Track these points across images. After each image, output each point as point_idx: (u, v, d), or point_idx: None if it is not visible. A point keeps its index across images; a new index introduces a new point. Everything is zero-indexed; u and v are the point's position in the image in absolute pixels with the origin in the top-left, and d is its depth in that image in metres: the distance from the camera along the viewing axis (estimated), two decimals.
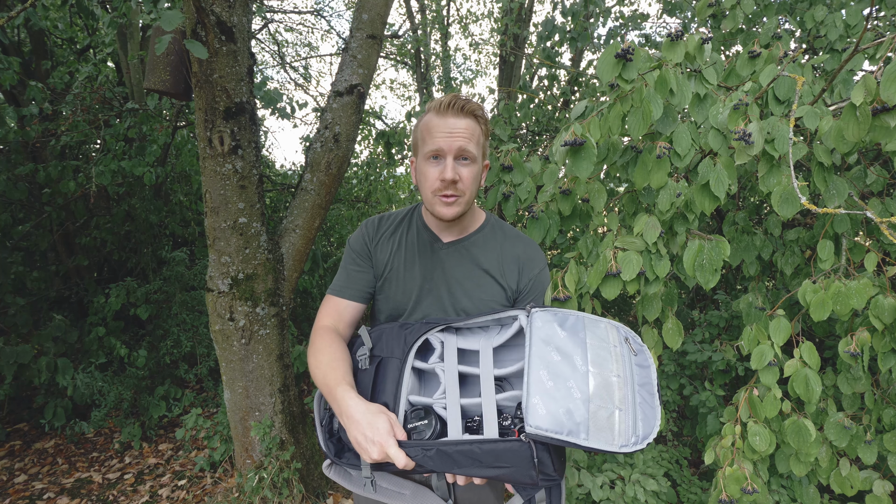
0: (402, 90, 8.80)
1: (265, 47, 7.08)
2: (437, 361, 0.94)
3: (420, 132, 1.06)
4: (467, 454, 0.79)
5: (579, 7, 3.01)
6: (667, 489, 1.87)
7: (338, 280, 1.16)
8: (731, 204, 2.03)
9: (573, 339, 0.90)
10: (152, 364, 3.40)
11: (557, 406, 0.78)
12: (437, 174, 1.02)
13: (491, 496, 1.14)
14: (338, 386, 0.92)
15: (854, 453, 1.50)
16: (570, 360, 0.86)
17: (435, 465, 0.80)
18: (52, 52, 3.89)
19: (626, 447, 0.77)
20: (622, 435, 0.78)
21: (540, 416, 0.77)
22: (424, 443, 0.81)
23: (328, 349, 1.02)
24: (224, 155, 1.94)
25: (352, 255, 1.17)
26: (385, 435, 0.81)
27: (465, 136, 1.00)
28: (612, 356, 0.89)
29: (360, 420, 0.84)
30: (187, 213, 4.29)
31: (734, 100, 1.28)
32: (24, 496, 2.62)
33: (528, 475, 0.79)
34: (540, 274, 1.14)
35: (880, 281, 1.39)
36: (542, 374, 0.83)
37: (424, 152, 1.03)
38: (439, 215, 1.05)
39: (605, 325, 0.96)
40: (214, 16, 1.83)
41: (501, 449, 0.78)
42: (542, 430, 0.76)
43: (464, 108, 1.01)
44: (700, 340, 2.28)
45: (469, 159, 1.03)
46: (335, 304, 1.14)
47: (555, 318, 0.94)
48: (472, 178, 1.04)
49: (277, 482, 2.14)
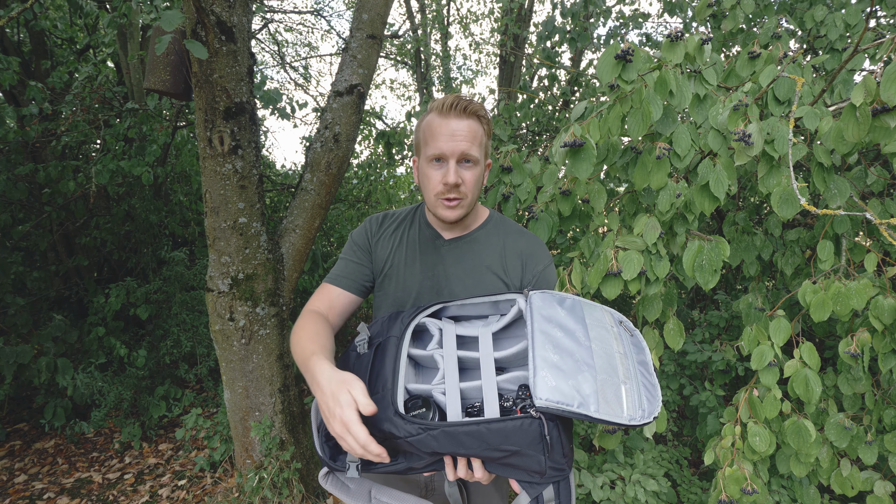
0: (402, 90, 8.81)
1: (265, 47, 7.08)
2: (436, 347, 0.93)
3: (422, 133, 1.05)
4: (474, 434, 0.75)
5: (579, 7, 3.01)
6: (667, 489, 1.87)
7: (335, 269, 1.16)
8: (731, 204, 2.03)
9: (573, 316, 0.89)
10: (152, 364, 3.40)
11: (566, 378, 0.76)
12: (439, 177, 1.01)
13: (494, 493, 1.14)
14: (312, 355, 0.87)
15: (855, 454, 1.50)
16: (572, 335, 0.84)
17: (440, 445, 0.76)
18: (52, 52, 3.89)
19: (634, 420, 0.75)
20: (630, 408, 0.76)
21: (549, 389, 0.75)
22: (428, 423, 0.76)
23: (310, 326, 1.00)
24: (224, 155, 1.94)
25: (352, 247, 1.17)
26: (347, 408, 0.73)
27: (468, 139, 1.00)
28: (612, 335, 0.89)
29: (325, 389, 0.78)
30: (187, 213, 4.29)
31: (734, 100, 1.28)
32: (24, 496, 2.62)
33: (537, 461, 0.76)
34: (545, 270, 1.12)
35: (880, 281, 1.39)
36: (547, 348, 0.81)
37: (427, 155, 1.03)
38: (442, 217, 1.06)
39: (599, 308, 0.97)
40: (214, 16, 1.83)
41: (510, 427, 0.74)
42: (553, 402, 0.73)
43: (466, 109, 1.00)
44: (700, 340, 2.28)
45: (472, 162, 1.02)
46: (328, 292, 1.13)
47: (553, 298, 0.94)
48: (475, 181, 1.04)
49: (277, 482, 2.14)
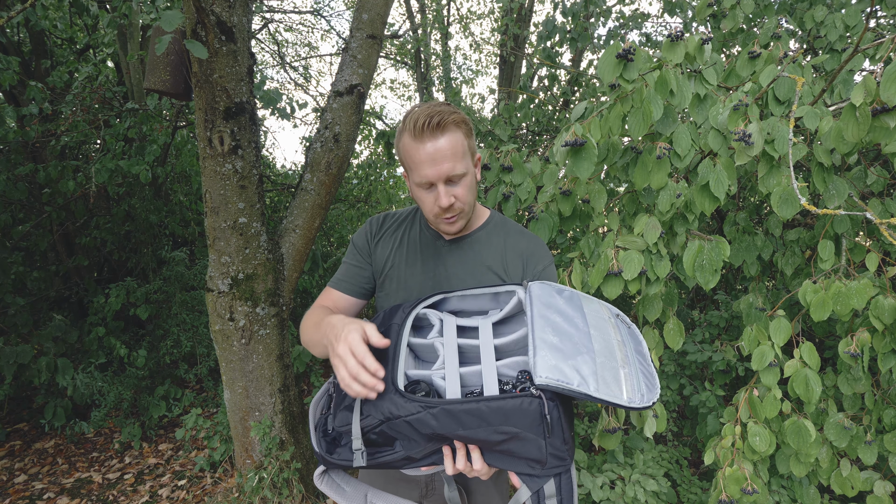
0: (402, 90, 8.80)
1: (265, 47, 7.08)
2: (437, 336, 0.93)
3: (402, 155, 1.02)
4: (474, 413, 0.75)
5: (580, 7, 3.01)
6: (667, 489, 1.87)
7: (338, 274, 1.21)
8: (731, 204, 2.03)
9: (571, 305, 0.91)
10: (152, 364, 3.40)
11: (565, 358, 0.77)
12: (432, 200, 1.01)
13: (495, 495, 1.14)
14: (329, 315, 0.94)
15: (854, 454, 1.50)
16: (571, 321, 0.86)
17: (439, 425, 0.76)
18: (52, 52, 3.89)
19: (633, 403, 0.75)
20: (629, 391, 0.77)
21: (549, 367, 0.75)
22: (428, 400, 0.77)
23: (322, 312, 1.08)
24: (224, 155, 1.94)
25: (353, 251, 1.19)
26: (354, 333, 0.81)
27: (450, 158, 0.96)
28: (609, 324, 0.91)
29: (338, 324, 0.86)
30: (187, 213, 4.29)
31: (734, 100, 1.28)
32: (24, 496, 2.62)
33: (537, 446, 0.76)
34: (545, 270, 1.12)
35: (880, 281, 1.39)
36: (546, 331, 0.82)
37: (414, 181, 1.01)
38: (446, 232, 1.09)
39: (596, 302, 0.99)
40: (214, 16, 1.83)
41: (510, 406, 0.74)
42: (553, 379, 0.73)
43: (439, 125, 0.94)
44: (700, 340, 2.28)
45: (460, 175, 1.00)
46: (331, 295, 1.19)
47: (552, 288, 0.96)
48: (468, 190, 1.02)
49: (277, 482, 2.14)
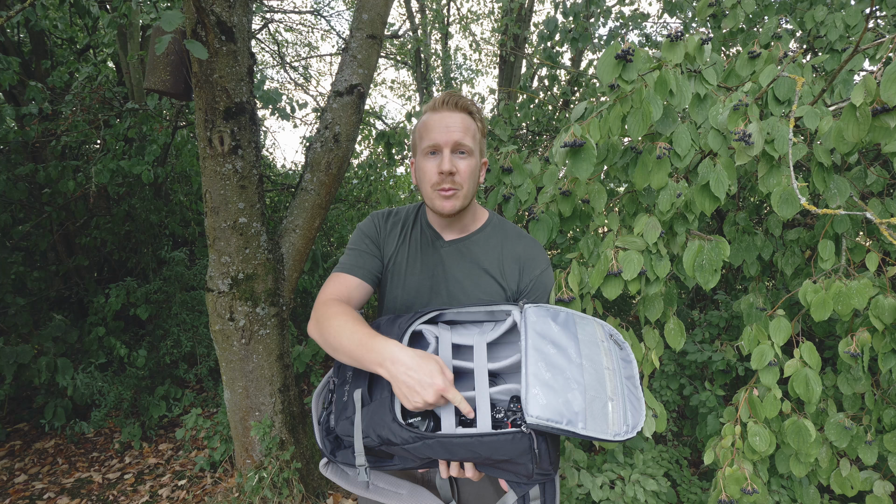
0: (402, 90, 8.79)
1: (265, 47, 7.07)
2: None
3: (418, 131, 1.09)
4: (467, 446, 0.81)
5: (580, 7, 3.01)
6: (667, 489, 1.87)
7: (348, 259, 1.12)
8: (731, 204, 2.03)
9: (566, 332, 0.93)
10: (152, 364, 3.40)
11: (556, 396, 0.81)
12: (435, 168, 1.03)
13: (490, 489, 1.14)
14: (374, 336, 0.88)
15: (854, 454, 1.50)
16: (564, 352, 0.88)
17: (434, 453, 0.82)
18: (52, 52, 3.88)
19: (618, 436, 0.80)
20: (615, 424, 0.81)
21: (540, 406, 0.79)
22: (424, 433, 0.82)
23: (349, 312, 0.97)
24: (224, 155, 1.94)
25: (363, 238, 1.15)
26: (439, 376, 0.81)
27: (461, 130, 1.03)
28: (602, 350, 0.93)
29: (409, 362, 0.82)
30: (187, 213, 4.29)
31: (734, 100, 1.28)
32: (24, 496, 2.62)
33: (526, 468, 0.81)
34: (542, 275, 1.12)
35: (880, 281, 1.39)
36: (539, 365, 0.85)
37: (422, 148, 1.06)
38: (439, 210, 1.06)
39: (591, 321, 1.00)
40: (214, 16, 1.83)
41: (502, 440, 0.80)
42: (543, 419, 0.78)
43: (458, 104, 1.04)
44: (700, 340, 2.28)
45: (465, 152, 1.04)
46: (344, 281, 1.08)
47: (548, 313, 0.97)
48: (470, 172, 1.05)
49: (277, 482, 2.14)
